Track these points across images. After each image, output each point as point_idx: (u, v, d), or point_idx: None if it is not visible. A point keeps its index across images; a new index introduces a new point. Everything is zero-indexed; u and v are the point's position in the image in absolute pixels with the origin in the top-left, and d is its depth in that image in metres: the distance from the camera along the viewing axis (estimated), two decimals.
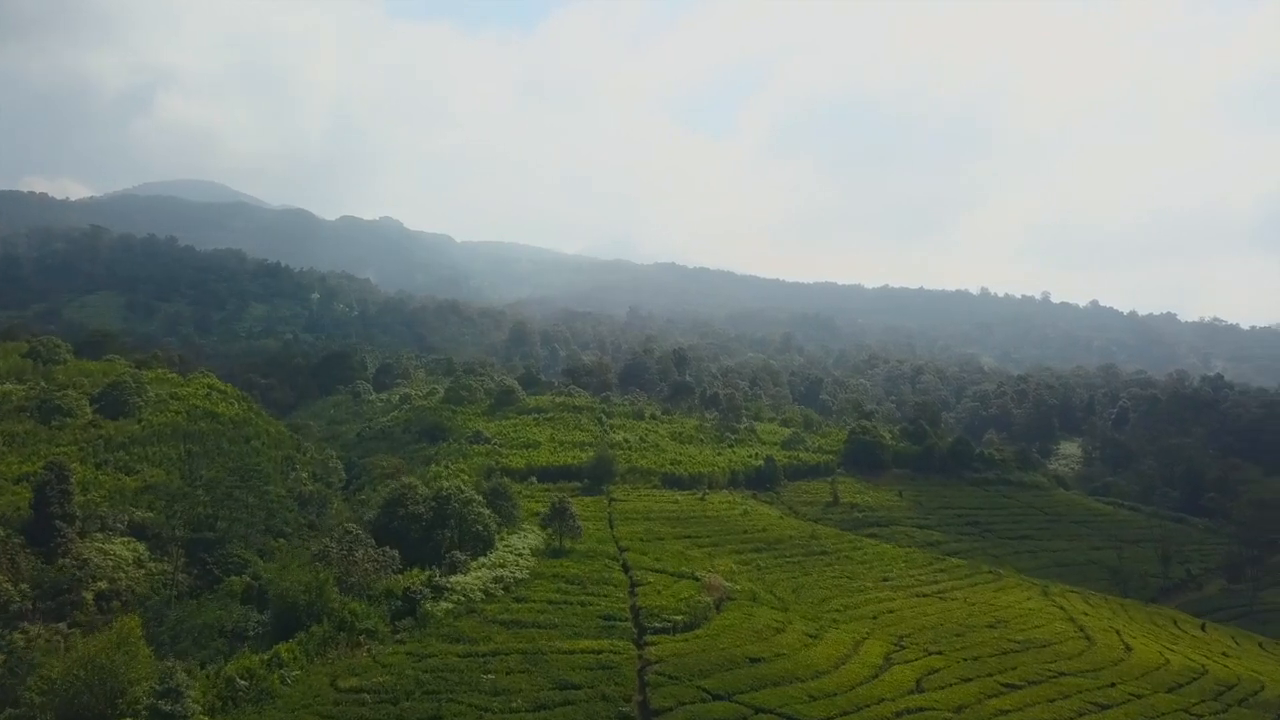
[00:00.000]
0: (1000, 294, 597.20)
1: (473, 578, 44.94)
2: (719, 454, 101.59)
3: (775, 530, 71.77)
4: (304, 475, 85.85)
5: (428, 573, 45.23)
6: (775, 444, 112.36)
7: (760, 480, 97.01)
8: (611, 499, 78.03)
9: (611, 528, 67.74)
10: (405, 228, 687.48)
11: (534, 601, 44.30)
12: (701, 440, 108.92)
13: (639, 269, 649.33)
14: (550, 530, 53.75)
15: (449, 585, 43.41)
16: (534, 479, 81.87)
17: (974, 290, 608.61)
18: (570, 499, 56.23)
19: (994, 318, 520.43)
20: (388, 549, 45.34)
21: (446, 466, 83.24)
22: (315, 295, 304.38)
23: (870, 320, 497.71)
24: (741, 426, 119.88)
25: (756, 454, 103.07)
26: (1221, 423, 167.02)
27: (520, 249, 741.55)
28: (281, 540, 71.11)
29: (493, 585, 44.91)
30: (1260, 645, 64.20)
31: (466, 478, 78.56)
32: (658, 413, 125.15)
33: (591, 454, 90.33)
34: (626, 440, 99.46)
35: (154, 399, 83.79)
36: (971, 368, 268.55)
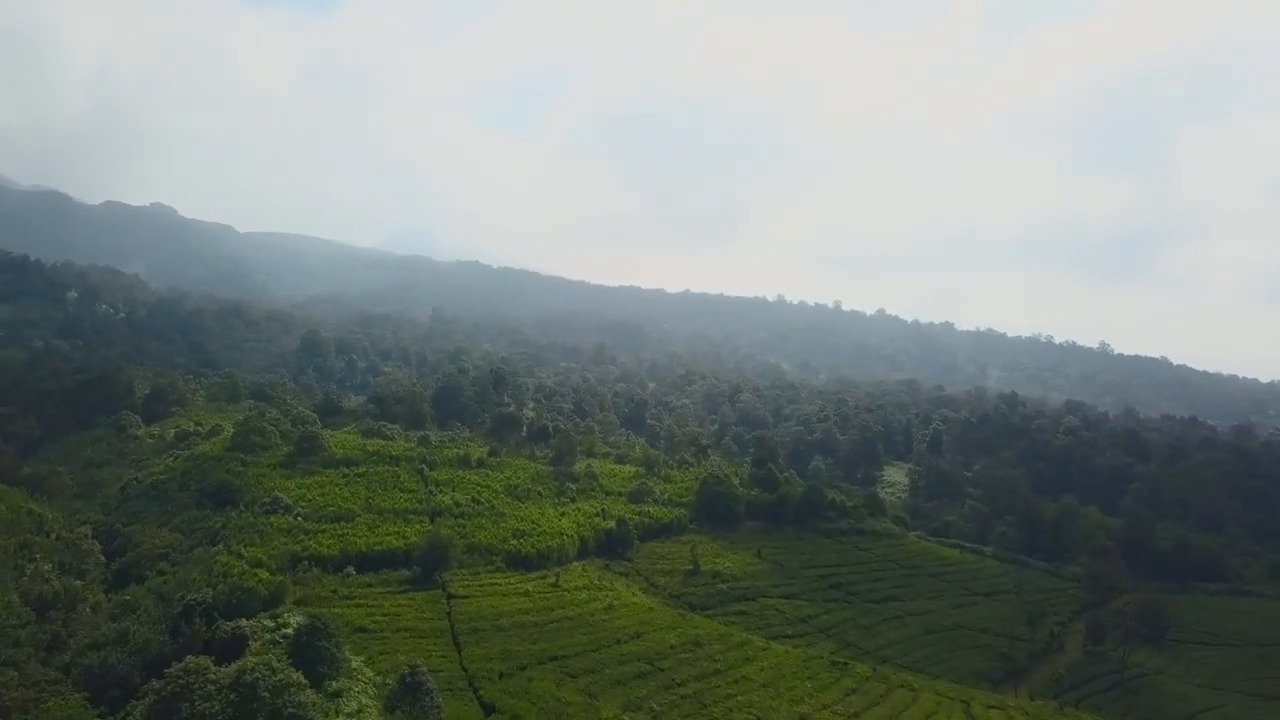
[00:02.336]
0: (795, 301, 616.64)
1: None
2: (562, 513, 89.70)
3: (652, 635, 60.90)
4: (45, 567, 67.08)
5: None
6: (620, 494, 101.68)
7: (612, 545, 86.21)
8: (450, 595, 64.67)
9: (459, 649, 54.69)
10: (180, 215, 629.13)
11: None
12: (540, 494, 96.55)
13: (440, 267, 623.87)
14: (398, 713, 40.04)
15: None
16: (351, 569, 67.00)
17: (770, 297, 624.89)
18: (422, 667, 42.66)
19: (790, 325, 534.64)
20: None
21: (239, 553, 66.99)
22: (72, 294, 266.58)
23: (676, 326, 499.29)
24: (580, 472, 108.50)
25: (604, 511, 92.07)
26: (1032, 448, 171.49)
27: (310, 241, 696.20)
28: (12, 672, 53.51)
29: None
30: None
31: (266, 574, 63.05)
32: (485, 454, 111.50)
33: (418, 528, 76.41)
34: (457, 503, 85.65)
35: None
36: (783, 383, 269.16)
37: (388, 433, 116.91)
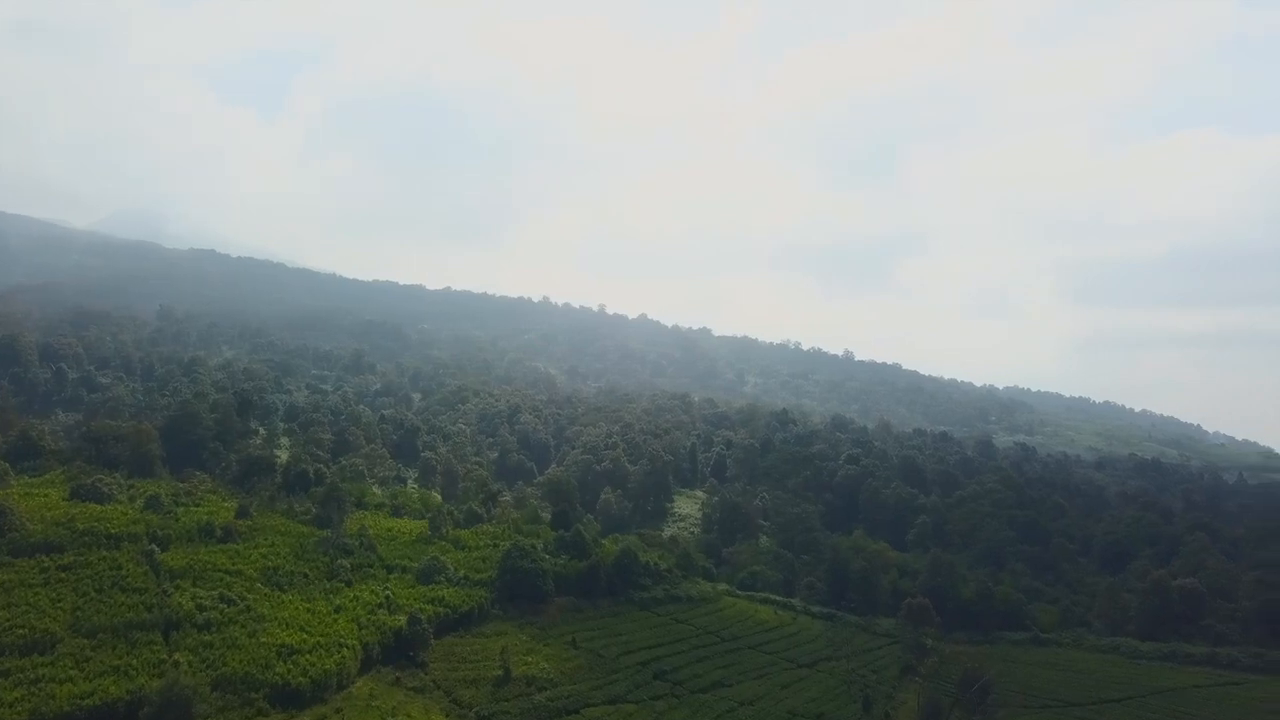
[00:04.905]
0: (560, 303, 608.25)
1: None
2: (337, 607, 73.20)
3: None
4: None
5: None
6: (406, 571, 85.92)
7: (401, 646, 70.88)
8: None
9: None
10: None
11: None
12: (307, 577, 79.20)
13: (171, 255, 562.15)
14: None
15: None
16: None
17: (535, 298, 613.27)
18: None
19: (556, 328, 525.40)
20: None
21: None
22: None
23: (438, 327, 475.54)
24: (352, 535, 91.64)
25: (389, 600, 76.21)
26: (817, 478, 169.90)
27: (11, 219, 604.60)
28: None
29: None
30: None
31: None
32: (232, 516, 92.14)
33: (148, 655, 58.06)
34: (200, 605, 66.98)
35: None
36: (559, 398, 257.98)
37: (104, 489, 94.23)
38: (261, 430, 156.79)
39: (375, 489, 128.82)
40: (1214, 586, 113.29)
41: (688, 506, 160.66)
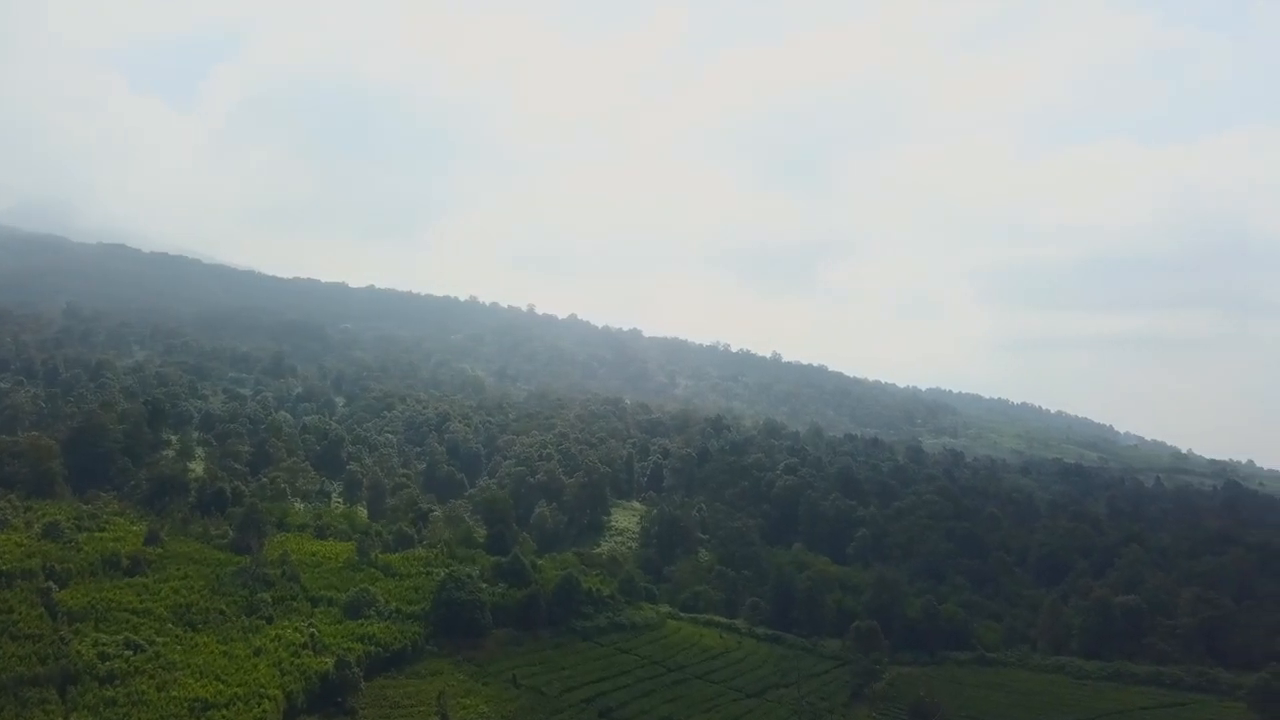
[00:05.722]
0: (488, 303, 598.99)
1: None
2: (257, 649, 67.38)
3: None
4: None
5: None
6: (333, 604, 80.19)
7: (329, 692, 65.40)
8: None
9: None
10: None
11: None
12: (223, 614, 73.05)
13: (79, 249, 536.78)
14: None
15: None
16: None
17: (462, 297, 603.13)
18: None
19: (484, 328, 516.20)
20: None
21: None
22: None
23: (360, 327, 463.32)
24: (273, 562, 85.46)
25: (314, 639, 70.62)
26: (755, 488, 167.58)
27: None
28: None
29: None
30: None
31: None
32: (140, 543, 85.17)
33: (41, 719, 51.69)
34: (103, 653, 60.57)
35: None
36: (490, 404, 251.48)
37: None
38: (174, 440, 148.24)
39: (298, 504, 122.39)
40: (1154, 602, 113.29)
41: (625, 519, 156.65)
